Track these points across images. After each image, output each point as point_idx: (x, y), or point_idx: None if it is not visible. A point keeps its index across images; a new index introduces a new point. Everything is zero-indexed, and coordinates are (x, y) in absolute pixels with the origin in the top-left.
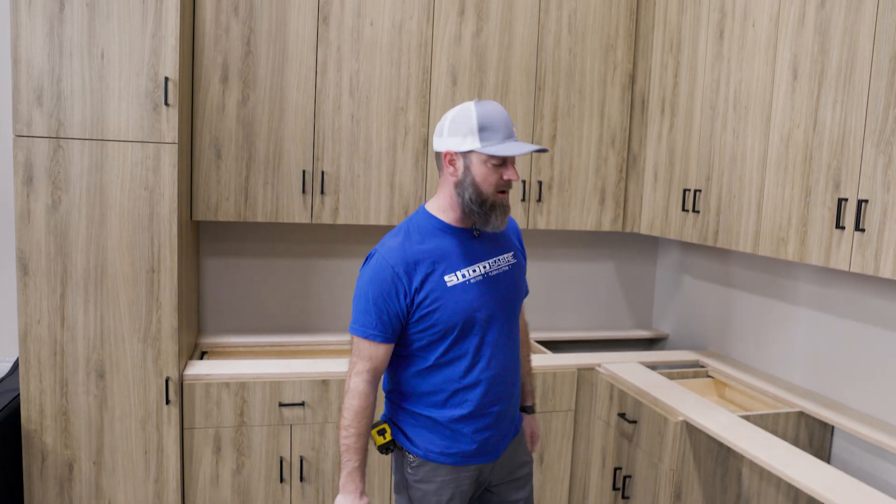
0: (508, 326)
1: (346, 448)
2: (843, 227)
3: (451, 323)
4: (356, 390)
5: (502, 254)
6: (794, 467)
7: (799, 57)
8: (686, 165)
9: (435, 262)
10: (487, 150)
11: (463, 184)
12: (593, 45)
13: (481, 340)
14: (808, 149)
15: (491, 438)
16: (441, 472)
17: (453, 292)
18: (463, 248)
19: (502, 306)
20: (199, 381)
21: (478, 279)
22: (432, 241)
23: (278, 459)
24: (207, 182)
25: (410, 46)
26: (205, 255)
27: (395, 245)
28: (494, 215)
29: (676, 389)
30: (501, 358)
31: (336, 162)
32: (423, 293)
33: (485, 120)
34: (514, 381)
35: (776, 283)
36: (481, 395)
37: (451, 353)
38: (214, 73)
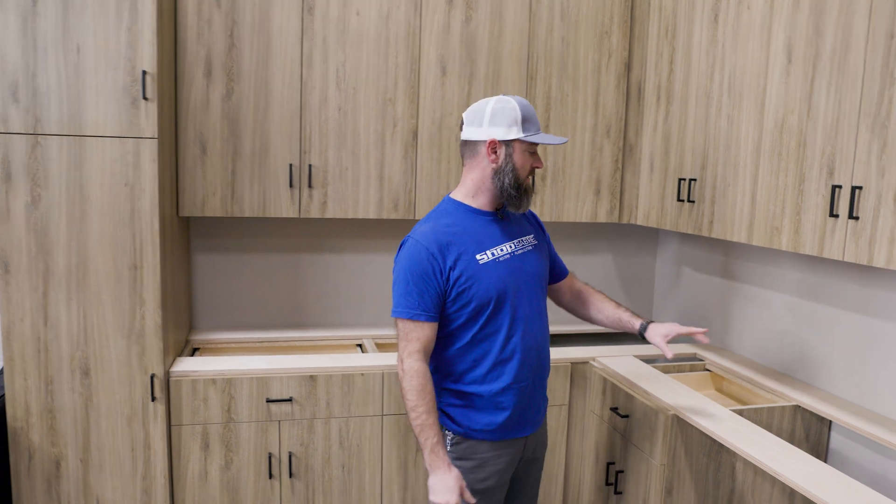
0: (537, 301)
1: (420, 427)
2: (837, 215)
3: (485, 298)
4: (412, 370)
5: (524, 235)
6: (782, 462)
7: (793, 39)
8: (681, 154)
9: (466, 243)
10: (532, 138)
11: (503, 170)
12: (587, 32)
13: (514, 315)
14: (801, 134)
15: (528, 409)
16: (480, 450)
17: (485, 269)
18: (490, 229)
19: (530, 282)
20: (186, 377)
21: (506, 257)
22: (461, 223)
23: (267, 456)
24: (193, 177)
25: (398, 36)
26: (196, 252)
27: (427, 229)
28: (527, 198)
29: (670, 383)
30: (533, 331)
31: (323, 155)
32: (458, 271)
33: (525, 112)
34: (546, 355)
35: (774, 274)
36: (518, 366)
37: (487, 328)
38: (198, 67)
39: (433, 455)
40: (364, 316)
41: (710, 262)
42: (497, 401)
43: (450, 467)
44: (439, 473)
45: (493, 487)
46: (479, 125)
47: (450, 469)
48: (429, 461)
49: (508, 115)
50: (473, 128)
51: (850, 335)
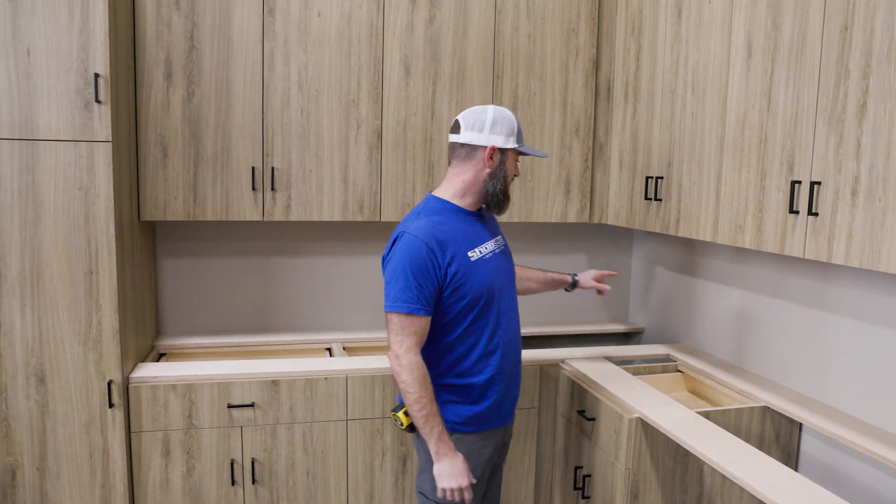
0: (513, 297)
1: (425, 418)
2: (797, 211)
3: (478, 293)
4: (412, 364)
5: (498, 235)
6: (742, 466)
7: (753, 33)
8: (648, 152)
9: (457, 240)
10: (526, 150)
11: (496, 175)
12: (553, 29)
13: (498, 309)
14: (762, 130)
15: (507, 399)
16: (464, 443)
17: (477, 266)
18: (475, 228)
19: (507, 279)
20: (145, 383)
21: (490, 255)
22: (451, 221)
23: (229, 462)
24: (154, 181)
25: (360, 37)
26: (162, 256)
27: (423, 225)
28: (507, 202)
29: (637, 385)
30: (513, 326)
31: (287, 157)
32: (455, 267)
33: (518, 125)
34: (521, 349)
35: (742, 273)
36: (500, 358)
37: (477, 322)
38: (157, 69)
39: (440, 442)
40: (332, 319)
41: (682, 262)
42: (481, 392)
43: (456, 452)
44: (447, 459)
45: (480, 477)
46: (479, 131)
47: (456, 454)
48: (435, 449)
49: (507, 126)
50: (474, 133)
51: (822, 335)
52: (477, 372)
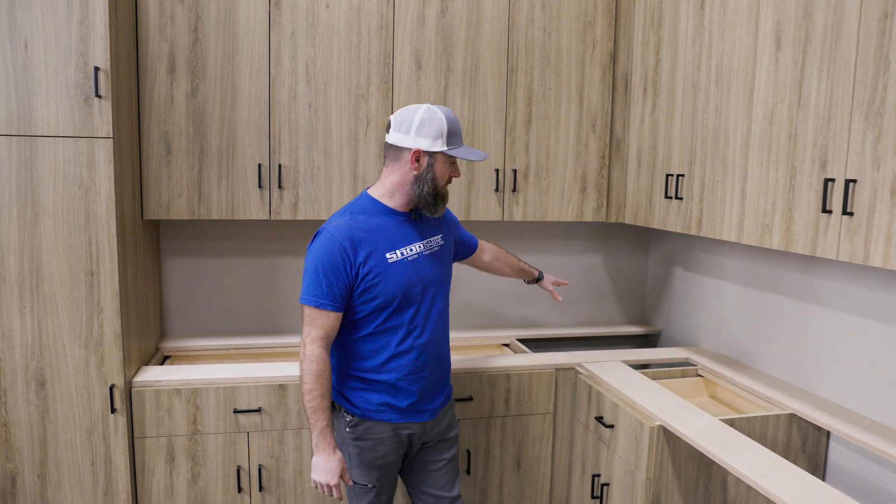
0: (439, 301)
1: (312, 410)
2: (830, 210)
3: (391, 296)
4: (313, 355)
5: (433, 235)
6: (771, 477)
7: (782, 23)
8: (669, 148)
9: (377, 241)
10: (455, 153)
11: (423, 178)
12: (570, 22)
13: (416, 312)
14: (792, 125)
15: (425, 399)
16: (377, 430)
17: (393, 268)
18: (402, 229)
19: (434, 282)
20: (149, 387)
21: (414, 257)
22: (375, 221)
23: (235, 468)
24: (158, 179)
25: (370, 29)
26: (167, 256)
27: (342, 223)
28: (442, 203)
29: (658, 391)
30: (433, 329)
31: (294, 154)
32: (367, 267)
33: (451, 126)
34: (445, 349)
35: (769, 275)
36: (413, 360)
37: (389, 322)
38: (160, 63)
39: (321, 437)
40: None
41: (702, 262)
42: (392, 389)
43: (334, 450)
44: (324, 455)
45: (391, 462)
46: (406, 132)
47: (334, 452)
48: (315, 442)
49: (435, 128)
50: (400, 134)
51: (852, 340)
52: (386, 371)
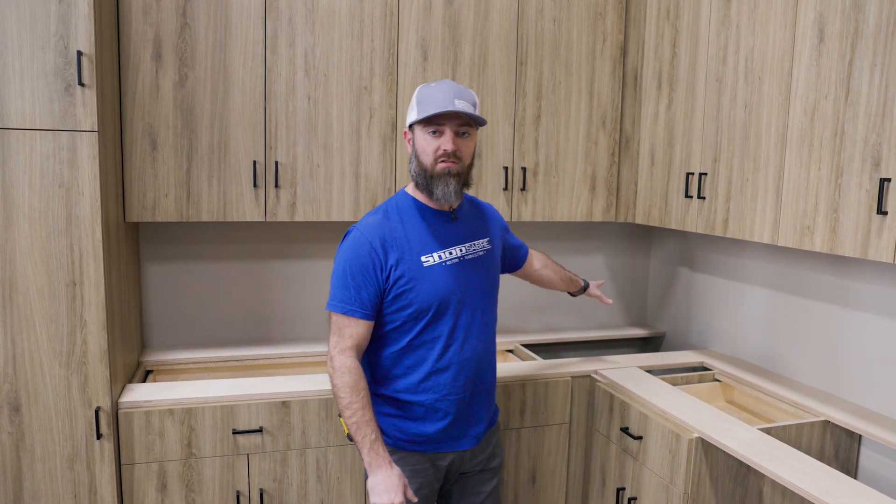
0: (483, 312)
1: (356, 426)
2: (886, 212)
3: (426, 304)
4: (344, 367)
5: (478, 239)
6: (838, 496)
7: (825, 16)
8: (688, 146)
9: (412, 242)
10: (422, 116)
11: (411, 158)
12: (580, 13)
13: (455, 323)
14: (838, 122)
15: (465, 424)
16: (411, 461)
17: (429, 273)
18: (440, 230)
19: (477, 290)
20: (138, 408)
21: (454, 262)
22: (410, 221)
23: (234, 494)
24: (142, 177)
25: (374, 17)
26: (147, 261)
27: (374, 222)
28: (436, 186)
29: (685, 400)
30: (475, 343)
31: (292, 150)
32: (399, 271)
33: (424, 94)
34: (489, 367)
35: (785, 275)
36: (453, 378)
37: (425, 335)
38: (145, 49)
39: (373, 453)
40: None
41: (711, 262)
42: (429, 412)
43: (391, 465)
44: (381, 472)
45: (425, 497)
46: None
47: (391, 467)
48: (368, 460)
49: (412, 101)
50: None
51: (875, 341)
52: (423, 390)
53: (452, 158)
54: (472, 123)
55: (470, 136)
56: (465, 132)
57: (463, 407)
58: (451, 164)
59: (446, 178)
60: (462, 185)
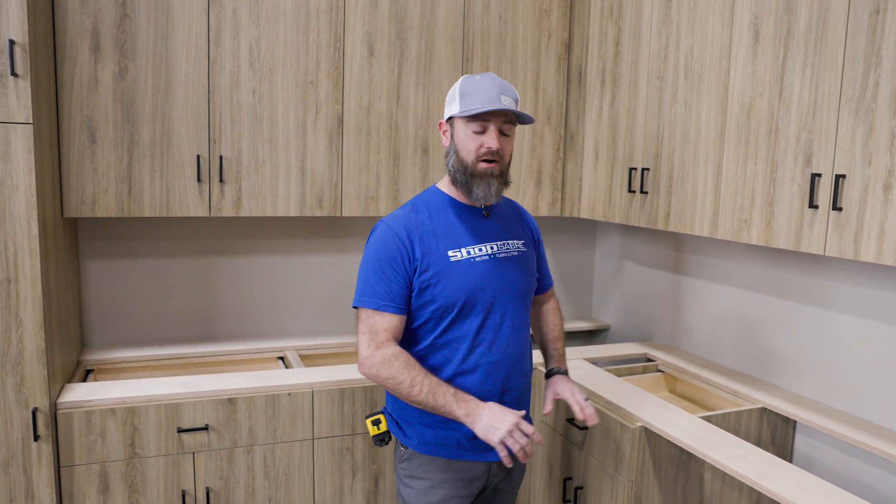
0: (514, 313)
1: (432, 395)
2: (817, 206)
3: (451, 300)
4: (389, 355)
5: (512, 238)
6: (775, 479)
7: (760, 17)
8: (631, 142)
9: (439, 236)
10: (467, 112)
11: (449, 152)
12: (525, 10)
13: (482, 323)
14: (773, 119)
15: None
16: (433, 468)
17: (456, 268)
18: (471, 225)
19: (508, 290)
20: (78, 408)
21: (483, 259)
22: (440, 215)
23: (180, 494)
24: (80, 171)
25: (319, 11)
26: (86, 257)
27: (401, 214)
28: (477, 185)
29: (630, 390)
30: (505, 345)
31: (236, 145)
32: (425, 264)
33: (468, 86)
34: (520, 373)
35: (727, 268)
36: (480, 381)
37: (450, 333)
38: (83, 40)
39: (462, 403)
40: (286, 325)
41: (654, 256)
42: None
43: (483, 403)
44: (483, 411)
45: None
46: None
47: (485, 404)
48: (463, 412)
49: (452, 93)
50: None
51: (810, 330)
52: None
53: (495, 157)
54: (514, 122)
55: (512, 135)
56: (508, 131)
57: None
58: (493, 165)
59: (488, 179)
60: (503, 185)
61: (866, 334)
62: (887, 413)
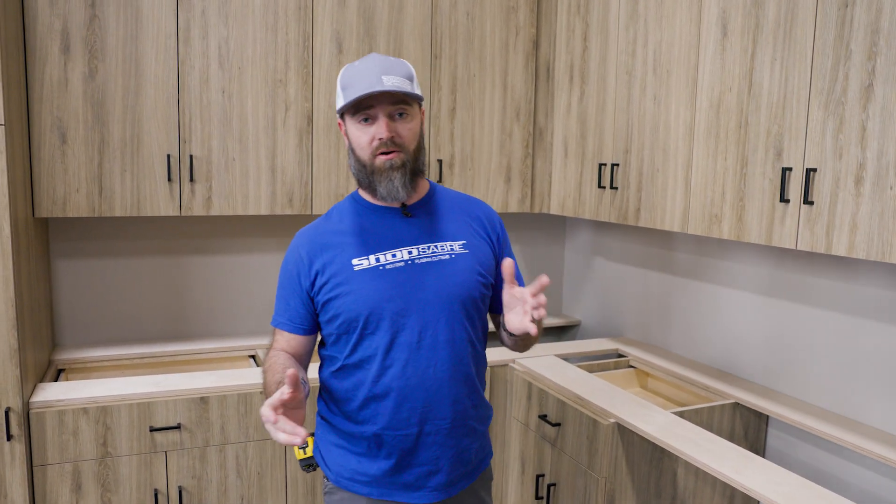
0: (441, 328)
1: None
2: (788, 200)
3: (353, 313)
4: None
5: (442, 240)
6: (748, 475)
7: (728, 11)
8: (600, 138)
9: (347, 244)
10: (349, 101)
11: (349, 153)
12: (493, 7)
13: (392, 340)
14: (742, 114)
15: (415, 469)
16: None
17: (360, 278)
18: (387, 229)
19: (429, 301)
20: (50, 408)
21: (397, 266)
22: (352, 220)
23: (152, 492)
24: (51, 171)
25: (288, 9)
26: (56, 257)
27: (312, 225)
28: (379, 183)
29: (602, 386)
30: (424, 367)
31: (206, 144)
32: (326, 276)
33: (348, 75)
34: (448, 399)
35: (697, 263)
36: (393, 408)
37: (359, 353)
38: (52, 41)
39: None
40: (257, 323)
41: (625, 252)
42: (371, 447)
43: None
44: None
45: None
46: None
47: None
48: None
49: (337, 85)
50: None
51: (780, 323)
52: (363, 419)
53: (393, 147)
54: (408, 101)
55: (409, 115)
56: (402, 112)
57: (410, 446)
58: (392, 156)
59: (389, 173)
60: (411, 177)
61: (838, 329)
62: (859, 407)
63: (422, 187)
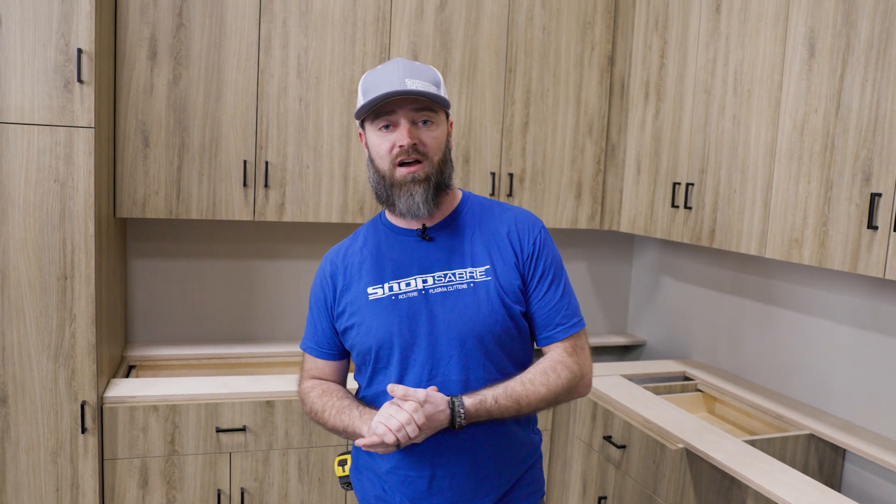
0: (448, 368)
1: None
2: (877, 226)
3: (364, 346)
4: (305, 388)
5: (461, 267)
6: None
7: (816, 30)
8: (675, 156)
9: (365, 269)
10: (365, 106)
11: (368, 162)
12: (569, 22)
13: (401, 378)
14: (828, 136)
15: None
16: None
17: (373, 308)
18: (403, 254)
19: (441, 336)
20: (123, 404)
21: (410, 296)
22: (374, 241)
23: (216, 492)
24: (133, 174)
25: (366, 21)
26: (132, 257)
27: (338, 246)
28: (398, 197)
29: (670, 410)
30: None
31: (282, 151)
32: (343, 304)
33: (370, 80)
34: (467, 448)
35: (774, 287)
36: (402, 449)
37: (373, 387)
38: (141, 48)
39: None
40: None
41: (695, 272)
42: (387, 480)
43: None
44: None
45: None
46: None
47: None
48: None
49: (359, 90)
50: None
51: (858, 354)
52: (378, 455)
53: (414, 156)
54: (434, 108)
55: (434, 123)
56: (427, 120)
57: (426, 491)
58: (414, 168)
59: (410, 187)
60: (434, 192)
61: None
62: None
63: (448, 203)
